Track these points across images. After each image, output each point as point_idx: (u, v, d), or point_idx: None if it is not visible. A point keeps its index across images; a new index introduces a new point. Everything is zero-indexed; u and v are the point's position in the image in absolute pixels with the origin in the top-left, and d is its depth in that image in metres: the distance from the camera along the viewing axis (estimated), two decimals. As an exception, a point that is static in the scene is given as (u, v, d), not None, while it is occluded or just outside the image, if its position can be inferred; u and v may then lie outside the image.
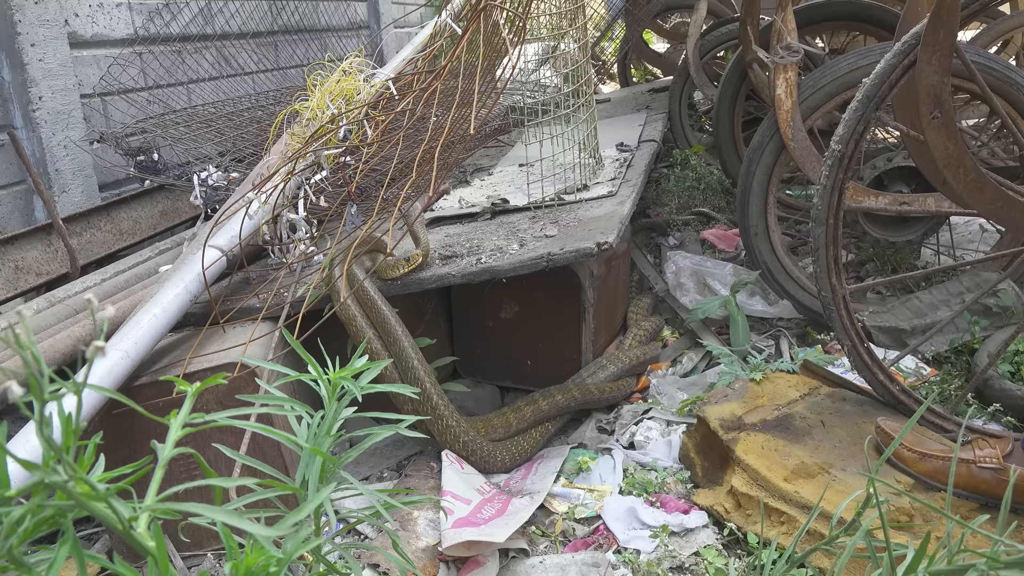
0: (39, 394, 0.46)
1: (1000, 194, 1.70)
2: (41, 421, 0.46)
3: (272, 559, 0.59)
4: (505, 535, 1.56)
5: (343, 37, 5.03)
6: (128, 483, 0.58)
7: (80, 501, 0.49)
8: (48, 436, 0.46)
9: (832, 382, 2.00)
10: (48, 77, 2.74)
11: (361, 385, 1.00)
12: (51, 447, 0.46)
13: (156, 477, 0.59)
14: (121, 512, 0.52)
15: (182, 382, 0.71)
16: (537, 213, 2.44)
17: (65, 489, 0.48)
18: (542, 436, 2.05)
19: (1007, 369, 2.10)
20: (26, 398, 0.46)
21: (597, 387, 2.14)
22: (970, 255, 2.84)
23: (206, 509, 0.55)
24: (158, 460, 0.60)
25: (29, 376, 0.45)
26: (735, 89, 3.49)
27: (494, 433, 1.98)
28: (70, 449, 0.49)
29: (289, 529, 0.59)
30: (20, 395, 0.44)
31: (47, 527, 0.57)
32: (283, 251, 2.23)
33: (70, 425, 0.50)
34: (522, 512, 1.66)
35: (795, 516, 1.57)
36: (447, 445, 1.88)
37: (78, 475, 0.49)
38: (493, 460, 1.92)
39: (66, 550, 0.53)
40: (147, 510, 0.55)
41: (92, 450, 0.57)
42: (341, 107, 2.30)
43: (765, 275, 2.55)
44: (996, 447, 1.59)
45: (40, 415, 0.46)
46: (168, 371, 1.73)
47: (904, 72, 1.71)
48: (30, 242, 2.40)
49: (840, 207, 1.80)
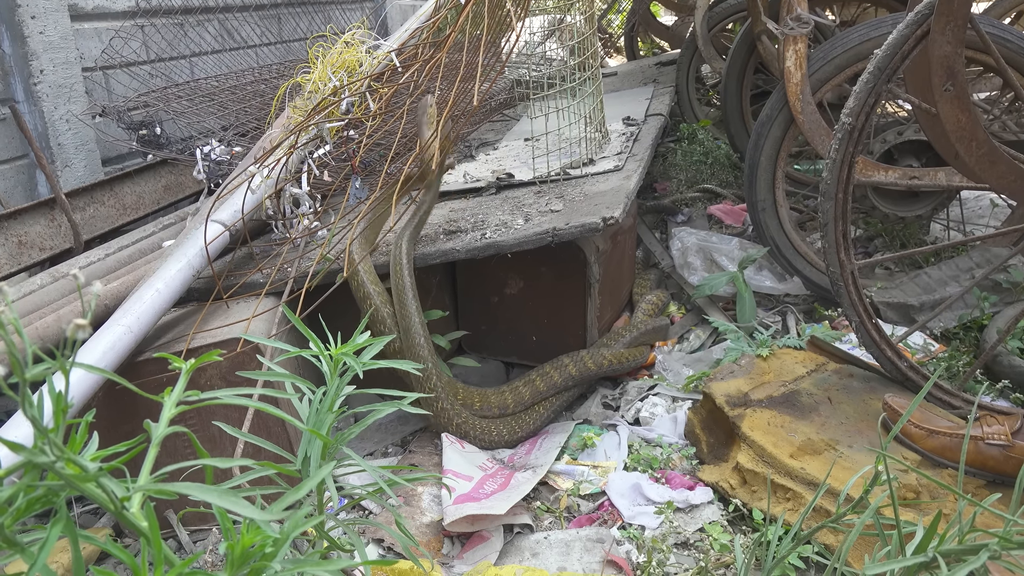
0: (21, 373, 0.45)
1: (1013, 168, 1.67)
2: (25, 400, 0.45)
3: (269, 539, 0.58)
4: (506, 507, 1.56)
5: (347, 9, 4.97)
6: (122, 462, 0.57)
7: (69, 481, 0.48)
8: (33, 416, 0.45)
9: (839, 358, 1.98)
10: (49, 50, 2.71)
11: (363, 361, 0.99)
12: (36, 427, 0.45)
13: (149, 456, 0.57)
14: (113, 492, 0.51)
15: (176, 359, 0.70)
16: (543, 188, 2.42)
17: (53, 469, 0.47)
18: (546, 410, 2.04)
19: (1016, 345, 2.08)
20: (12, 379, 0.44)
21: (594, 361, 2.12)
22: (980, 230, 2.81)
23: (199, 490, 0.54)
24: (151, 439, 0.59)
25: (11, 357, 0.44)
26: (743, 62, 3.45)
27: (488, 411, 1.97)
28: (60, 428, 0.48)
29: (284, 512, 0.58)
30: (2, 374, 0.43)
31: (40, 506, 0.56)
32: (287, 226, 2.21)
33: (60, 404, 0.49)
34: (523, 485, 1.66)
35: (801, 493, 1.56)
36: (442, 428, 1.87)
37: (66, 455, 0.47)
38: (490, 437, 1.91)
39: (58, 529, 0.52)
40: (139, 490, 0.54)
41: (84, 429, 0.56)
42: (343, 79, 2.27)
43: (773, 251, 2.52)
44: (1005, 424, 1.58)
45: (24, 395, 0.45)
46: (171, 346, 1.73)
47: (917, 43, 1.68)
48: (33, 217, 2.39)
49: (850, 181, 1.77)
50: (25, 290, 2.08)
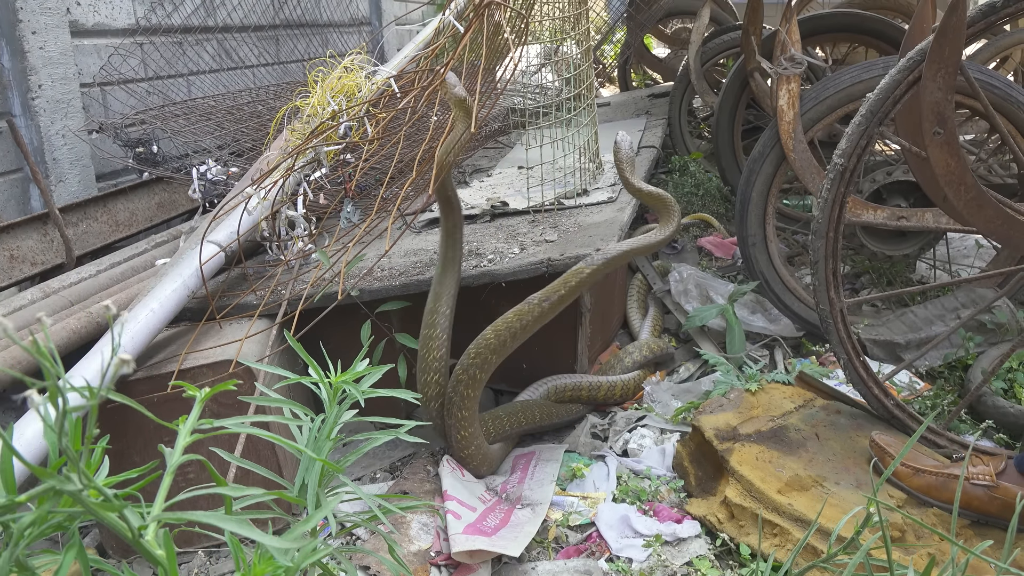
0: (58, 402, 0.45)
1: (1000, 212, 1.70)
2: (61, 431, 0.45)
3: (280, 569, 0.59)
4: (519, 549, 1.57)
5: (344, 33, 5.01)
6: (135, 489, 0.57)
7: (92, 510, 0.49)
8: (66, 446, 0.46)
9: (827, 394, 2.01)
10: (48, 65, 2.72)
11: (363, 390, 1.00)
12: (69, 456, 0.46)
13: (164, 484, 0.58)
14: (132, 522, 0.52)
15: (191, 387, 0.71)
16: (537, 217, 2.44)
17: (79, 498, 0.48)
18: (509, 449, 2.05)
19: (1000, 386, 2.11)
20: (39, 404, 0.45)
21: (557, 406, 2.12)
22: (965, 270, 2.85)
23: (216, 518, 0.55)
24: (166, 465, 0.60)
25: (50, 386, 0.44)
26: (736, 97, 3.50)
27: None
28: (81, 454, 0.49)
29: (299, 540, 0.59)
30: (39, 402, 0.43)
31: (51, 531, 0.56)
32: (281, 248, 2.22)
33: (79, 431, 0.50)
34: (528, 526, 1.66)
35: (788, 529, 1.57)
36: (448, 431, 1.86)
37: (92, 484, 0.48)
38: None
39: (72, 555, 0.53)
40: (156, 519, 0.54)
41: (100, 454, 0.56)
42: (342, 104, 2.29)
43: (762, 285, 2.55)
44: (989, 464, 1.60)
45: (60, 425, 0.45)
46: (163, 366, 1.73)
47: (908, 88, 1.72)
48: (26, 231, 2.38)
49: (841, 221, 1.80)
50: (15, 305, 2.07)
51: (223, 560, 1.68)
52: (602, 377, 2.21)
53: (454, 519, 1.64)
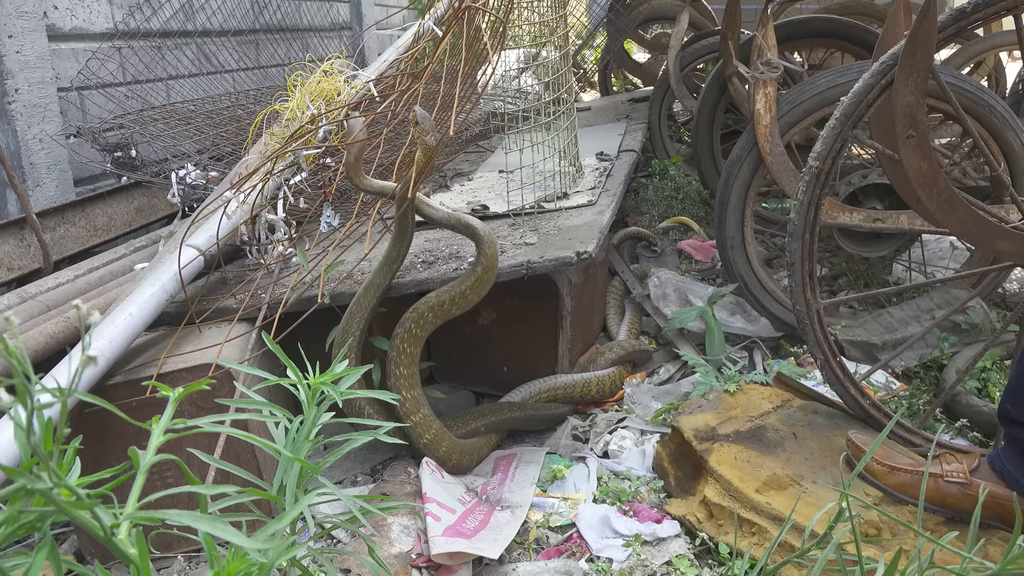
0: (26, 401, 0.46)
1: (972, 214, 1.73)
2: (29, 430, 0.46)
3: (254, 567, 0.59)
4: (498, 551, 1.58)
5: (325, 37, 5.01)
6: (108, 488, 0.57)
7: (64, 509, 0.49)
8: (36, 444, 0.46)
9: (804, 395, 2.03)
10: (25, 69, 2.70)
11: (341, 391, 1.00)
12: (38, 455, 0.46)
13: (137, 484, 0.58)
14: (104, 520, 0.52)
15: (165, 387, 0.71)
16: (517, 220, 2.45)
17: (49, 497, 0.48)
18: (492, 446, 2.07)
19: (974, 385, 2.14)
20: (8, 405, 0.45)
21: (532, 405, 2.14)
22: (940, 272, 2.89)
23: (189, 517, 0.55)
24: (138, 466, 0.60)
25: (18, 384, 0.45)
26: (714, 101, 3.53)
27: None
28: (52, 455, 0.49)
29: (271, 540, 0.59)
30: (8, 402, 0.44)
31: (23, 531, 0.56)
32: (261, 252, 2.22)
33: (51, 431, 0.50)
34: (507, 528, 1.67)
35: (766, 527, 1.59)
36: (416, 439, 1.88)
37: (62, 482, 0.48)
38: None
39: (43, 555, 0.53)
40: (128, 518, 0.54)
41: (72, 455, 0.56)
42: (321, 108, 2.29)
43: (741, 287, 2.57)
44: (963, 462, 1.62)
45: (29, 423, 0.45)
46: (141, 371, 1.72)
47: (881, 92, 1.74)
48: (2, 236, 2.36)
49: (816, 222, 1.82)
50: (-8, 310, 2.05)
51: (202, 565, 1.67)
52: (577, 375, 2.22)
53: (433, 521, 1.64)
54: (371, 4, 5.62)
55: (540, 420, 2.14)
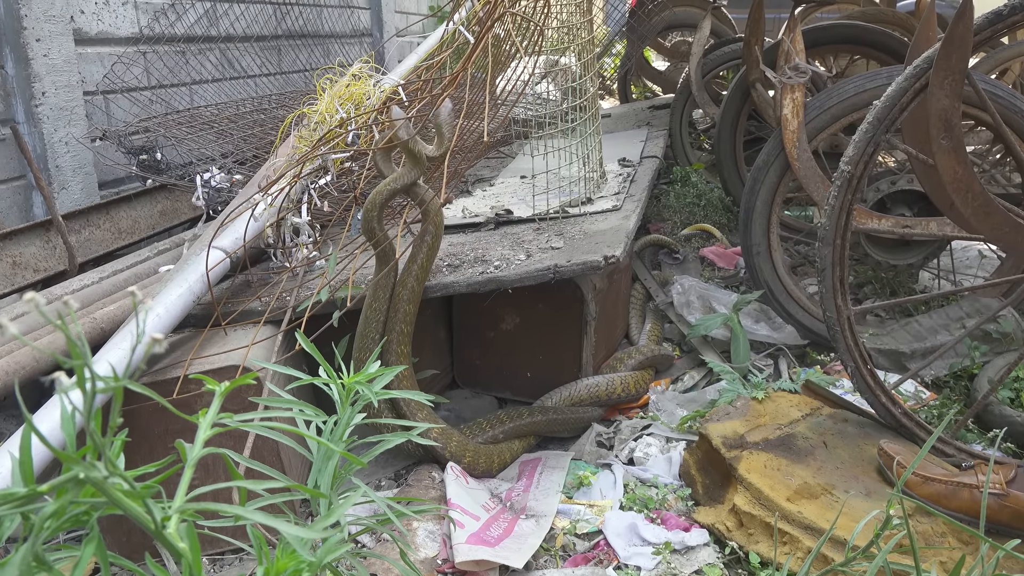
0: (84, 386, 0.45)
1: (1008, 219, 1.71)
2: (88, 415, 0.45)
3: (304, 563, 0.58)
4: (523, 560, 1.56)
5: (346, 44, 5.03)
6: (156, 482, 0.56)
7: (116, 500, 0.48)
8: (92, 431, 0.45)
9: (833, 403, 2.00)
10: (52, 73, 2.72)
11: (376, 391, 0.99)
12: (96, 442, 0.45)
13: (185, 477, 0.57)
14: (154, 512, 0.51)
15: (211, 380, 0.70)
16: (541, 225, 2.44)
17: (103, 487, 0.47)
18: (518, 451, 2.05)
19: (1007, 395, 2.10)
20: (68, 388, 0.44)
21: (558, 408, 2.12)
22: (968, 281, 2.85)
23: (241, 510, 0.54)
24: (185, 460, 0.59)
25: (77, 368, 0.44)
26: (737, 108, 3.51)
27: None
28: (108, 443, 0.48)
29: (323, 531, 0.58)
30: (68, 385, 0.43)
31: (69, 525, 0.55)
32: (286, 255, 2.21)
33: (103, 420, 0.49)
34: (532, 538, 1.65)
35: (798, 537, 1.56)
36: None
37: (118, 471, 0.47)
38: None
39: (91, 549, 0.52)
40: (179, 511, 0.53)
41: (119, 447, 0.55)
42: (350, 111, 2.29)
43: (766, 294, 2.55)
44: (999, 472, 1.59)
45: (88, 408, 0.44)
46: (167, 372, 1.71)
47: (915, 96, 1.72)
48: (28, 238, 2.37)
49: (848, 228, 1.80)
50: (17, 311, 2.06)
51: (227, 568, 1.66)
52: (599, 376, 2.20)
53: (457, 528, 1.63)
54: (391, 11, 5.65)
55: (567, 424, 2.12)
